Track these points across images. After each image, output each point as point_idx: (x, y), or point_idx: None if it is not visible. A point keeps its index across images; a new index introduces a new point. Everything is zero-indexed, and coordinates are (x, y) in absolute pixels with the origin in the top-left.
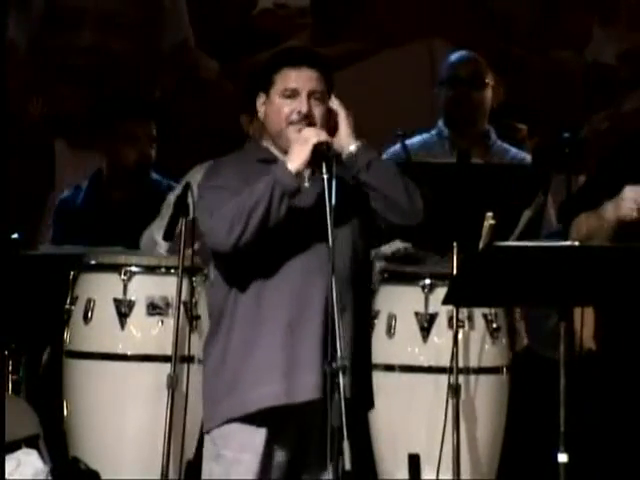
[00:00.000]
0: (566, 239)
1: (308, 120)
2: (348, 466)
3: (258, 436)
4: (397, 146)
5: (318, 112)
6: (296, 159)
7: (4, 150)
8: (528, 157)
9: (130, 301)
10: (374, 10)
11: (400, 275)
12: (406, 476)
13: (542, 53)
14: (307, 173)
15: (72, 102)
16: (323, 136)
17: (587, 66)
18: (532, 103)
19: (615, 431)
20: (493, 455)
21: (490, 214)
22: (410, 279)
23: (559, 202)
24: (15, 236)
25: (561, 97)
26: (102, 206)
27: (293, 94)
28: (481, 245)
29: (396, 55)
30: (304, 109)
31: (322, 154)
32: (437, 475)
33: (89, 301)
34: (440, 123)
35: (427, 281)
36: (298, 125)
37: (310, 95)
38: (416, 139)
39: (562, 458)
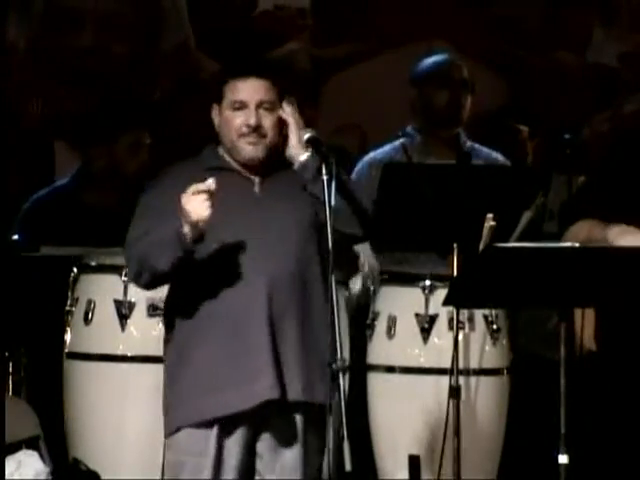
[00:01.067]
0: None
1: (257, 132)
2: (348, 467)
3: (210, 441)
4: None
5: (268, 122)
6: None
7: (4, 151)
8: (500, 157)
9: (130, 302)
10: (374, 11)
11: (400, 276)
12: (406, 477)
13: (543, 54)
14: (257, 180)
15: (72, 103)
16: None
17: (588, 67)
18: (533, 104)
19: (615, 432)
20: (493, 456)
21: (490, 215)
22: (410, 280)
23: (560, 204)
24: (15, 237)
25: (562, 98)
26: (91, 208)
27: (242, 106)
28: (481, 246)
29: (396, 56)
30: (252, 122)
31: (321, 155)
32: (438, 476)
33: (89, 302)
34: (409, 129)
35: (427, 282)
36: (249, 137)
37: (259, 106)
38: (378, 154)
39: (562, 459)
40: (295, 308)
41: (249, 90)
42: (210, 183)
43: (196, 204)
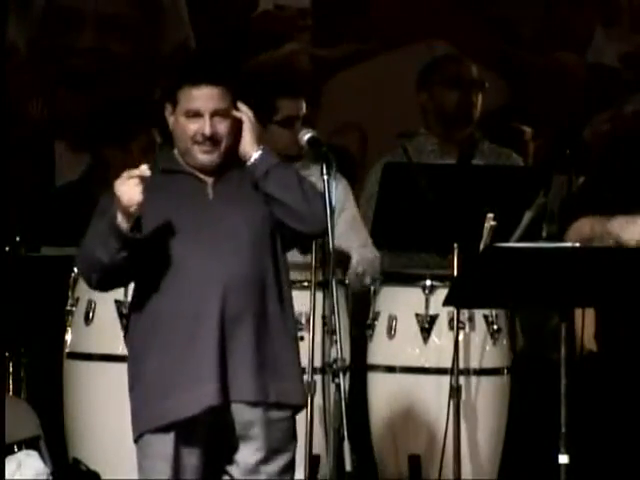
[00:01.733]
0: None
1: (212, 140)
2: (348, 467)
3: (167, 444)
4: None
5: (222, 128)
6: (121, 215)
7: (4, 151)
8: (514, 154)
9: None
10: (375, 11)
11: (401, 276)
12: (407, 477)
13: (544, 55)
14: (210, 182)
15: (72, 103)
16: (134, 196)
17: (588, 67)
18: (534, 105)
19: (616, 432)
20: (494, 456)
21: (491, 215)
22: (411, 280)
23: (559, 203)
24: (17, 239)
25: (563, 99)
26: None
27: (196, 114)
28: (482, 246)
29: (397, 56)
30: (207, 132)
31: (322, 155)
32: (438, 476)
33: (90, 302)
34: (422, 132)
35: (428, 282)
36: (203, 146)
37: (213, 114)
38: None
39: (563, 459)
40: (250, 312)
41: (203, 99)
42: (144, 169)
43: (127, 188)
